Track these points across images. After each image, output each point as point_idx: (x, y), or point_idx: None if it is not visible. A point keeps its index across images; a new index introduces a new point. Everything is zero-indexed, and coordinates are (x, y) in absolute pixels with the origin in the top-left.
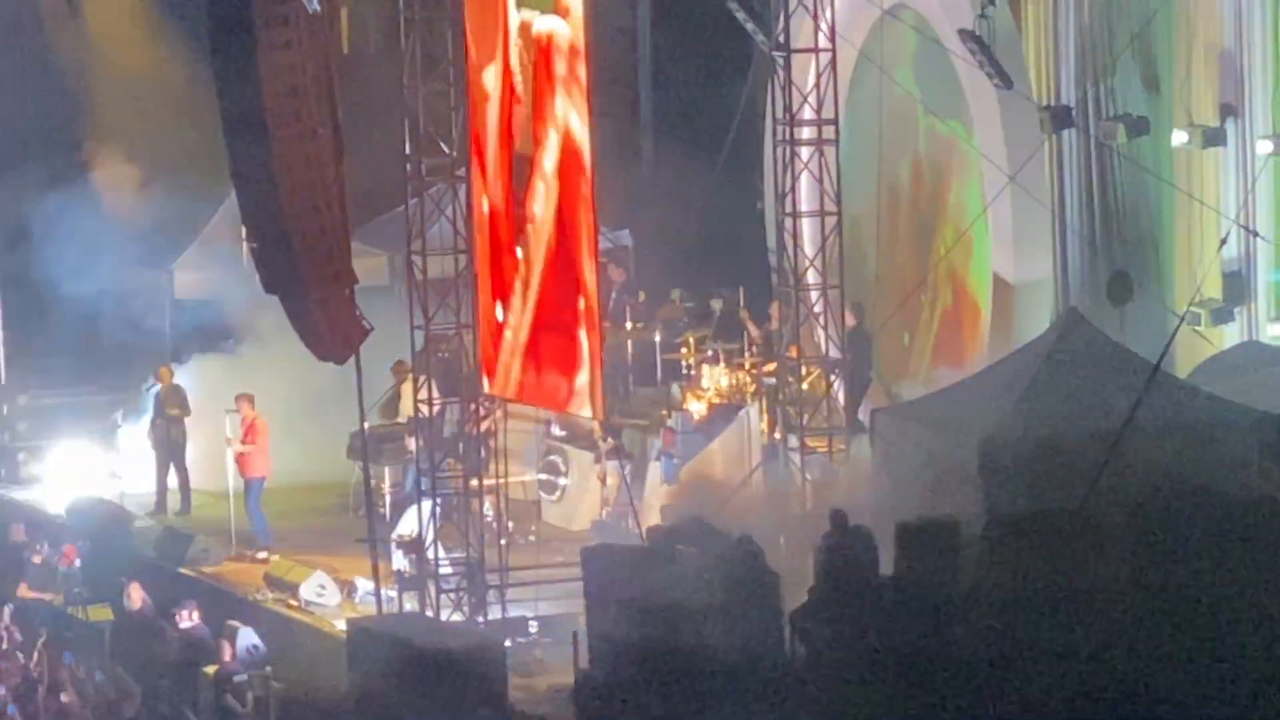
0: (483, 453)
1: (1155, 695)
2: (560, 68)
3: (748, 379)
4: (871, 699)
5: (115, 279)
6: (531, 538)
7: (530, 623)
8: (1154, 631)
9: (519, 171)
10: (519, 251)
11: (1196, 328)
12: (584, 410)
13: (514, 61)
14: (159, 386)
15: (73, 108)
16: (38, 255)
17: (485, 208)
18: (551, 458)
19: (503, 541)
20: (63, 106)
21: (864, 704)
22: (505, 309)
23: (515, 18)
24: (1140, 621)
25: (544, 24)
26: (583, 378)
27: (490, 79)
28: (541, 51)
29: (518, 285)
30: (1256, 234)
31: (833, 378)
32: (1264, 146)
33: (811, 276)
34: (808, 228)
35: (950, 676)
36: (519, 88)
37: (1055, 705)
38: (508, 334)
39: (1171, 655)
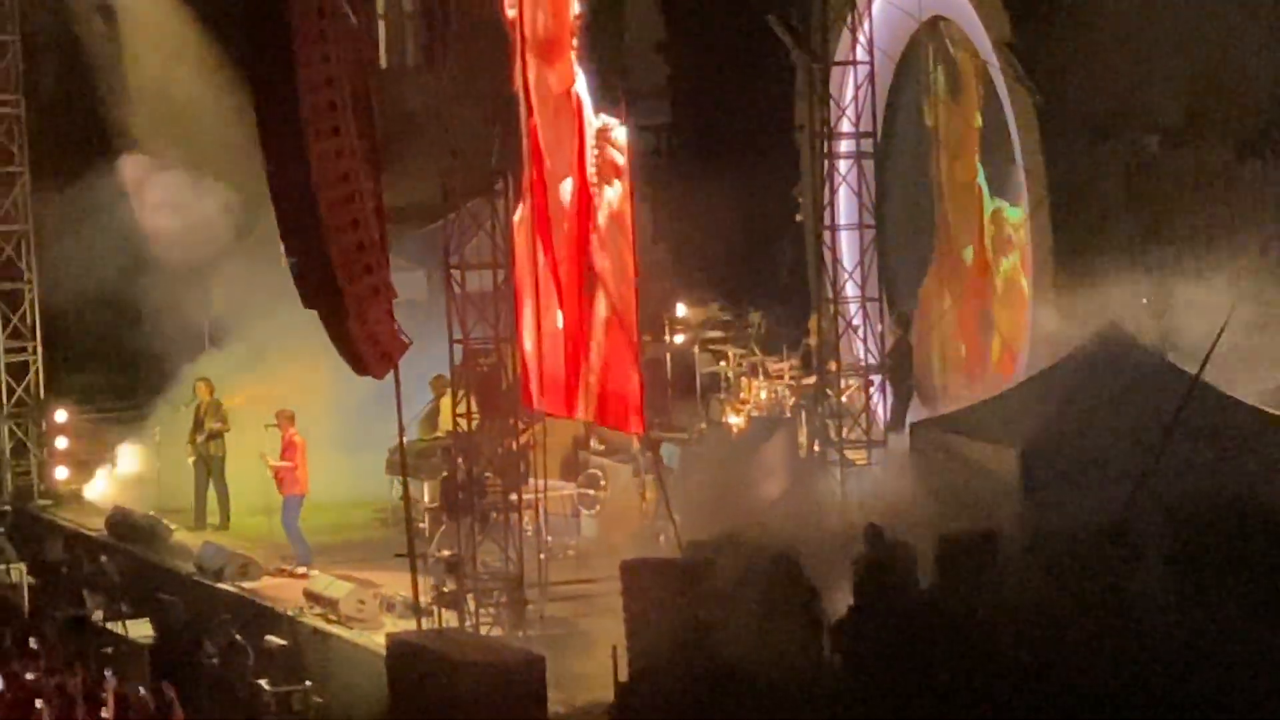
0: (522, 467)
1: (1197, 706)
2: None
3: (787, 391)
4: (911, 713)
5: (154, 291)
6: (570, 552)
7: (569, 637)
8: (1195, 643)
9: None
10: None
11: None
12: (624, 424)
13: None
14: (198, 401)
15: (108, 117)
16: (75, 267)
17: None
18: (591, 471)
19: (542, 555)
20: (99, 116)
21: (904, 718)
22: (541, 324)
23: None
24: (1182, 633)
25: None
26: (622, 392)
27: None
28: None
29: (554, 300)
30: None
31: (872, 390)
32: None
33: (850, 289)
34: (846, 240)
35: (990, 690)
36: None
37: (1097, 717)
38: (545, 349)
39: (1213, 667)
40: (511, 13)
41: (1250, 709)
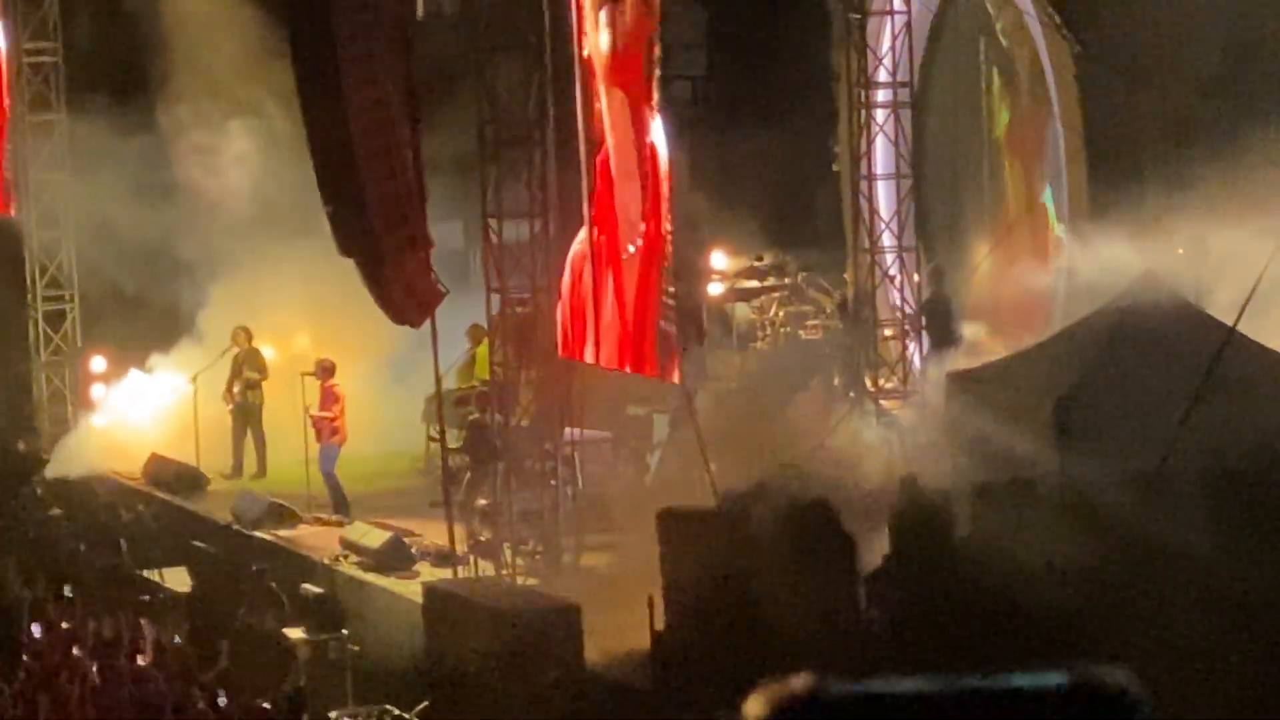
0: (558, 415)
1: (1233, 655)
2: (635, 30)
3: (823, 341)
4: (947, 662)
5: (190, 238)
6: (607, 500)
7: (605, 586)
8: (1231, 592)
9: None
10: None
11: None
12: (661, 372)
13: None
14: (237, 350)
15: (147, 66)
16: (112, 212)
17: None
18: (627, 420)
19: (578, 504)
20: (137, 65)
21: (940, 667)
22: (579, 275)
23: None
24: (1218, 582)
25: None
26: (659, 341)
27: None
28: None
29: (591, 249)
30: None
31: (908, 340)
32: None
33: (887, 239)
34: (883, 190)
35: (1026, 639)
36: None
37: (1131, 666)
38: (585, 299)
39: (1252, 616)
40: None
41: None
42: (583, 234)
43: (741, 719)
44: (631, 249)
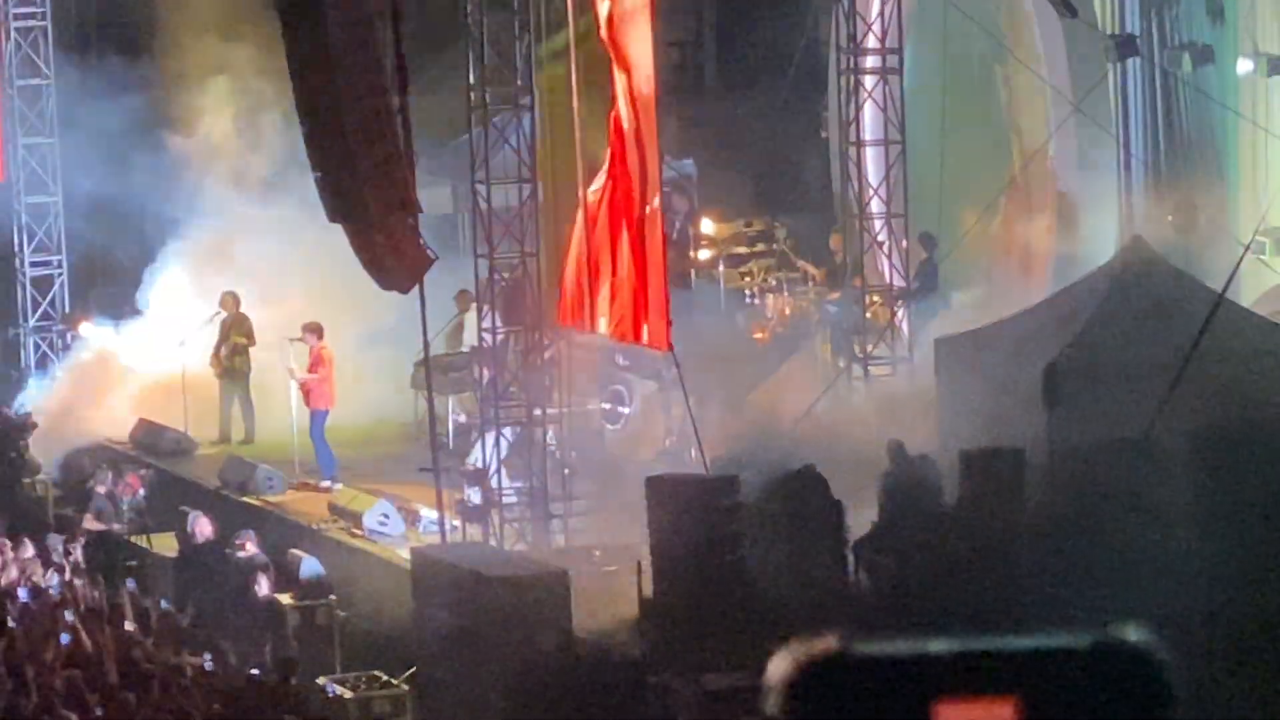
0: (547, 382)
1: (1219, 621)
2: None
3: (811, 308)
4: (935, 627)
5: (181, 202)
6: (595, 467)
7: (594, 552)
8: (1217, 557)
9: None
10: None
11: (1261, 256)
12: (649, 340)
13: None
14: (224, 314)
15: (136, 28)
16: (101, 177)
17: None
18: (615, 387)
19: (566, 471)
20: (126, 27)
21: (927, 631)
22: (571, 239)
23: None
24: (1204, 548)
25: None
26: (648, 307)
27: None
28: None
29: (580, 216)
30: None
31: (896, 306)
32: None
33: (875, 205)
34: (871, 156)
35: (1014, 604)
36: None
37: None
38: (573, 264)
39: (1234, 580)
40: None
41: (1271, 624)
42: (596, 185)
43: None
44: (649, 209)
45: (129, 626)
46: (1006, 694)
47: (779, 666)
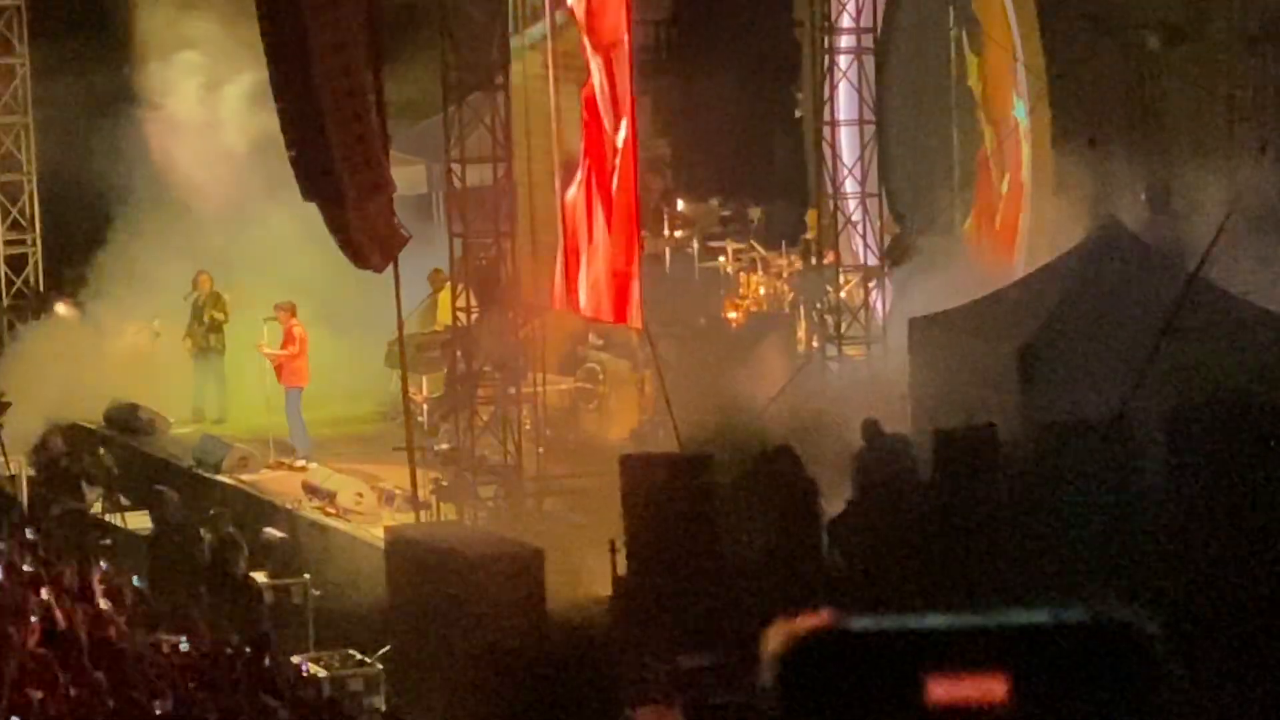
0: (520, 361)
1: (1193, 600)
2: None
3: (785, 287)
4: (910, 607)
5: (156, 183)
6: (569, 446)
7: (567, 531)
8: (1192, 537)
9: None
10: None
11: None
12: (623, 319)
13: None
14: (198, 293)
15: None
16: (75, 157)
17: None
18: (590, 366)
19: (540, 450)
20: (100, 6)
21: (902, 612)
22: (545, 219)
23: None
24: (1178, 527)
25: None
26: (621, 287)
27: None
28: None
29: (554, 196)
30: None
31: (871, 285)
32: None
33: (849, 185)
34: (846, 136)
35: (988, 586)
36: None
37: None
38: (547, 244)
39: (1209, 559)
40: None
41: (1241, 604)
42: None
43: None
44: (620, 175)
45: (102, 605)
46: (998, 669)
47: (772, 640)
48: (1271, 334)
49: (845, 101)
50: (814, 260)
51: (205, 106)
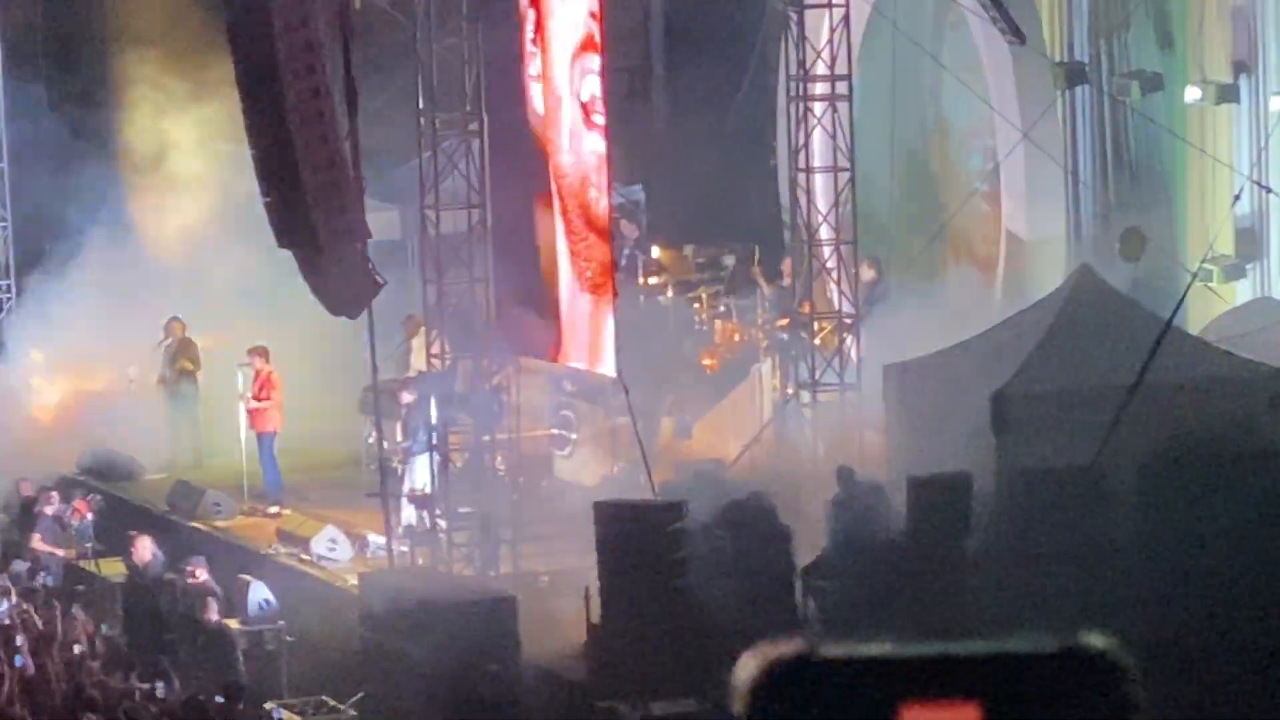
0: (495, 408)
1: (1165, 649)
2: (576, 25)
3: (760, 334)
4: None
5: (129, 226)
6: (543, 492)
7: (541, 577)
8: (1164, 586)
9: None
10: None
11: (1209, 284)
12: (597, 366)
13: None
14: (171, 340)
15: (85, 52)
16: (53, 202)
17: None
18: (564, 412)
19: (514, 496)
20: (75, 49)
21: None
22: (519, 266)
23: None
24: (1150, 576)
25: None
26: (595, 333)
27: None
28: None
29: (529, 242)
30: (1270, 190)
31: (845, 333)
32: (1277, 103)
33: (824, 232)
34: (821, 183)
35: (960, 633)
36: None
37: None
38: (521, 290)
39: (1181, 608)
40: None
41: (1214, 649)
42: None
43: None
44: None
45: (78, 651)
46: (971, 697)
47: (747, 668)
48: (1244, 383)
49: (820, 149)
50: (789, 307)
51: (182, 153)
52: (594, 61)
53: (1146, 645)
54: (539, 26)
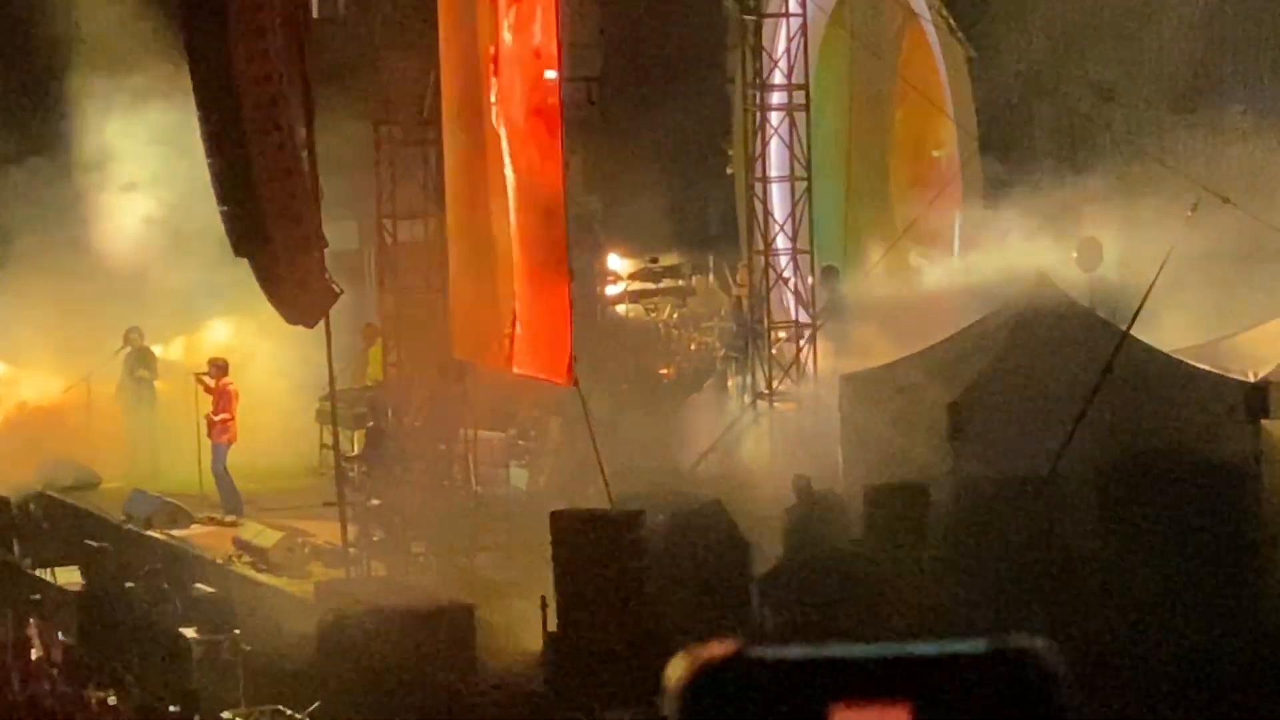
0: (451, 416)
1: (1122, 658)
2: (532, 35)
3: (717, 343)
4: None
5: (88, 238)
6: (500, 501)
7: (498, 586)
8: (1121, 593)
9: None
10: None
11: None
12: (554, 375)
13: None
14: (129, 349)
15: (41, 66)
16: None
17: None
18: (521, 422)
19: (471, 505)
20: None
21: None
22: (476, 275)
23: None
24: (1108, 583)
25: None
26: (552, 343)
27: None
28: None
29: (485, 251)
30: (1226, 200)
31: (801, 342)
32: (1235, 113)
33: (781, 241)
34: (777, 193)
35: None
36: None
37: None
38: (478, 300)
39: (1139, 616)
40: None
41: (1171, 652)
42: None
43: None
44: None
45: (35, 654)
46: (902, 698)
47: (677, 669)
48: (1201, 393)
49: (776, 158)
50: (745, 316)
51: (135, 161)
52: (550, 71)
53: (1102, 652)
54: (494, 37)
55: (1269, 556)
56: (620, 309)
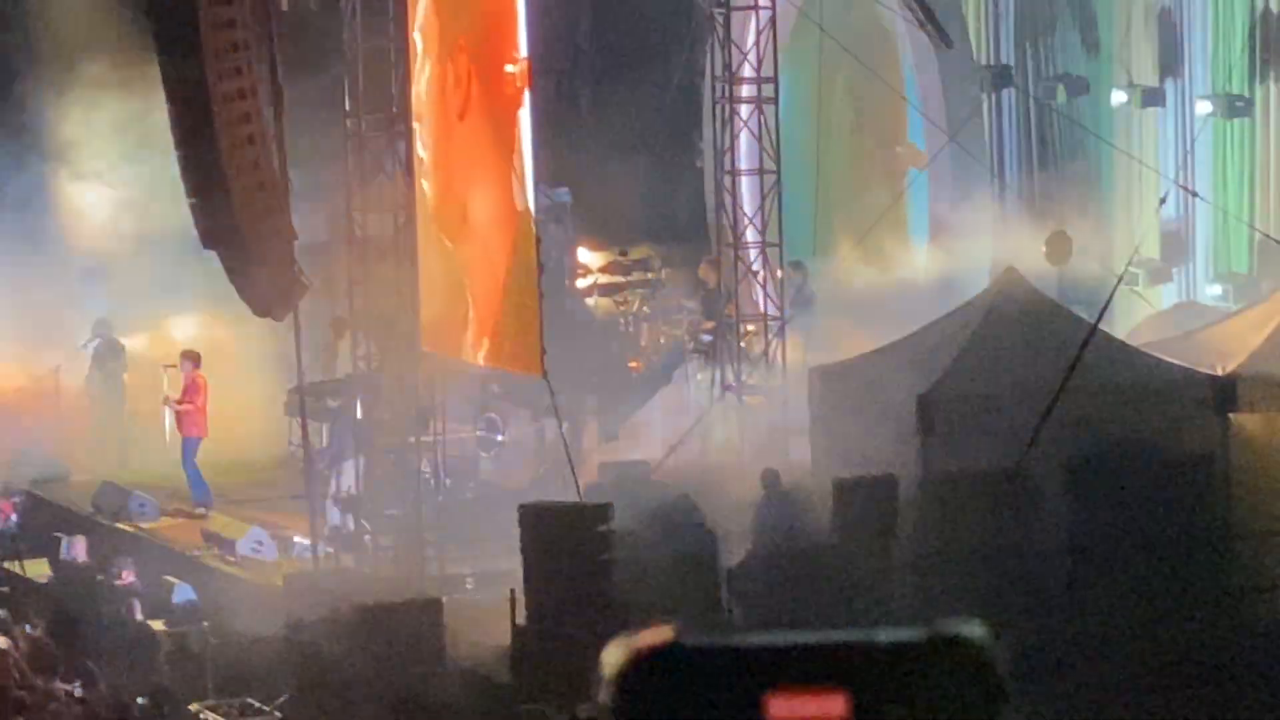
0: (420, 409)
1: (1089, 652)
2: (499, 24)
3: (686, 336)
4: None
5: (56, 230)
6: (469, 494)
7: (467, 579)
8: (1088, 587)
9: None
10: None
11: (1135, 288)
12: (524, 368)
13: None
14: (98, 342)
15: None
16: None
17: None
18: (490, 415)
19: (440, 498)
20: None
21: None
22: (445, 268)
23: None
24: (1075, 578)
25: None
26: (521, 335)
27: (428, 36)
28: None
29: (455, 244)
30: (1195, 194)
31: (771, 335)
32: (1203, 107)
33: (750, 234)
34: (747, 186)
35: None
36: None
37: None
38: (447, 292)
39: (1105, 610)
40: None
41: (1139, 644)
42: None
43: (599, 707)
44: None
45: (3, 648)
46: (838, 686)
47: (612, 657)
48: (1169, 387)
49: (746, 151)
50: (714, 309)
51: (104, 152)
52: (517, 64)
53: (1069, 644)
54: (464, 29)
55: (1236, 549)
56: (589, 302)
